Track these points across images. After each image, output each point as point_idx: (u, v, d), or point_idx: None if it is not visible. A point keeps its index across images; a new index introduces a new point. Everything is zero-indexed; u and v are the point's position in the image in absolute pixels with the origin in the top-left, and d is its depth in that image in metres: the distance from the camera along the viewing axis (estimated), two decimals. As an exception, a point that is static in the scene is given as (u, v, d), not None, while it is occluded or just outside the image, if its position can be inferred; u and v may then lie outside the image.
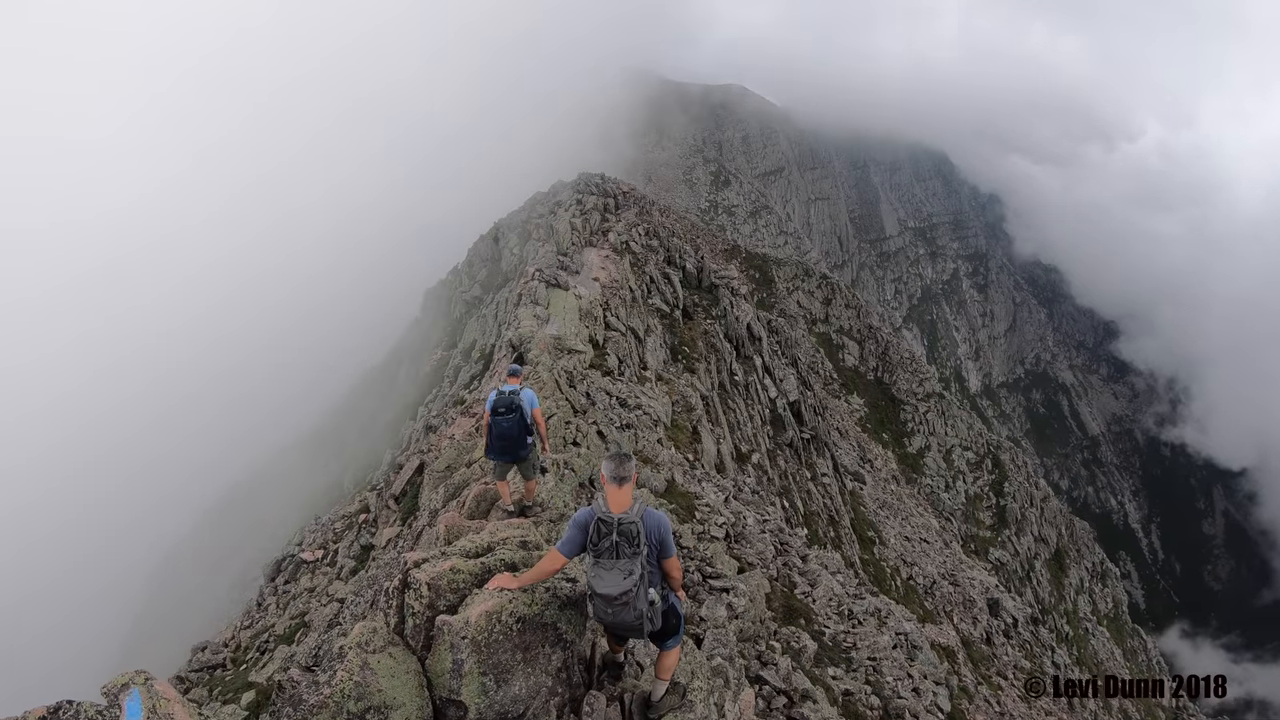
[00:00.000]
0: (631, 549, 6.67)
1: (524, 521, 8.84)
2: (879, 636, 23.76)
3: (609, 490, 6.86)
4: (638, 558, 6.70)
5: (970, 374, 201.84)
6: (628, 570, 6.65)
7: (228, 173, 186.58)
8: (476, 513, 11.64)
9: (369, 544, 23.99)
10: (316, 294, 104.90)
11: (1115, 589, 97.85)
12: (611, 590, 6.60)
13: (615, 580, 6.62)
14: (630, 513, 6.77)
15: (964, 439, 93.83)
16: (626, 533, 6.67)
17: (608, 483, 6.88)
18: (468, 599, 7.01)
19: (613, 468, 6.86)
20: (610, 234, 46.66)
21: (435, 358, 51.31)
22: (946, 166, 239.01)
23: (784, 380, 48.81)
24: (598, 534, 6.68)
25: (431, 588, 7.01)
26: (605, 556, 6.66)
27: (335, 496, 46.05)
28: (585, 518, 6.81)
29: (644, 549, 6.75)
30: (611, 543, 6.64)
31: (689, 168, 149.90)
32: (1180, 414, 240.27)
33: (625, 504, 6.81)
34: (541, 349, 25.90)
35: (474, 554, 7.67)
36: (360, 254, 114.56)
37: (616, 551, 6.64)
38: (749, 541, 25.27)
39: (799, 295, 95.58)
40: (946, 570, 52.82)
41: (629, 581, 6.63)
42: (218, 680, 21.46)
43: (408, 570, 7.26)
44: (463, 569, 7.26)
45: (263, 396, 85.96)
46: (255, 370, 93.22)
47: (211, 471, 75.44)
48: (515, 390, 12.37)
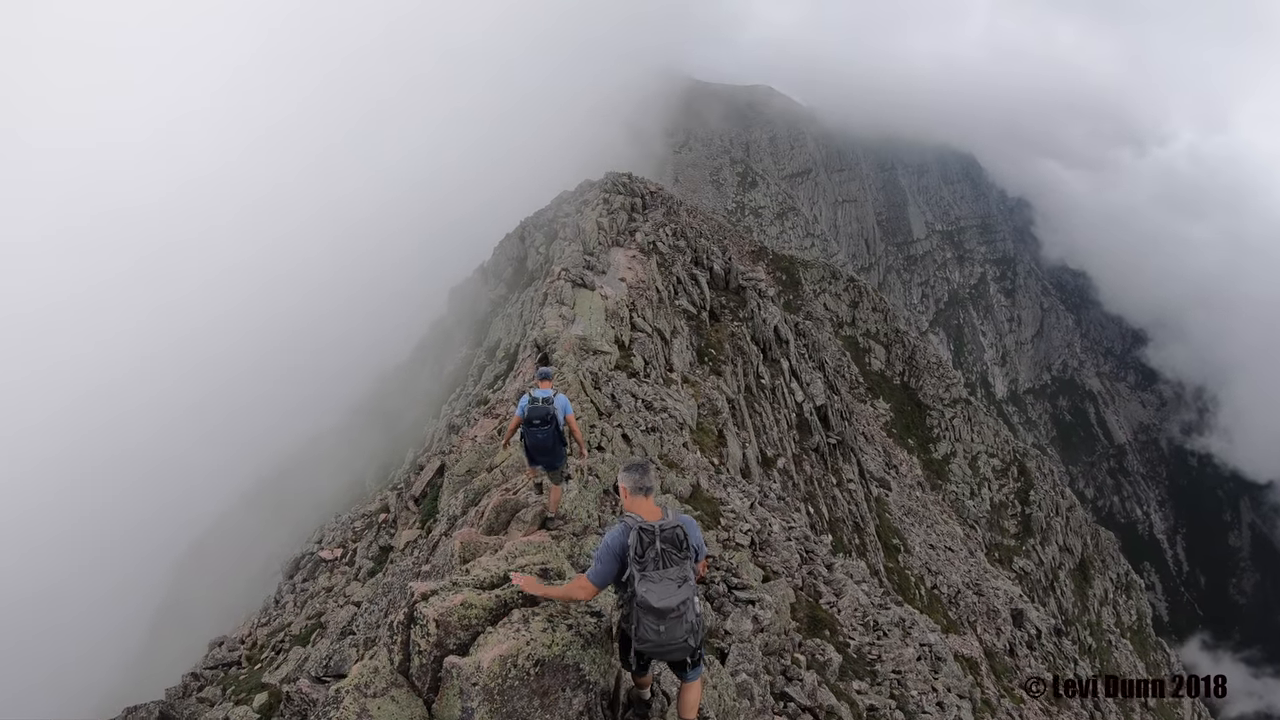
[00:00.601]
0: (680, 554, 6.41)
1: (545, 541, 8.29)
2: (903, 649, 23.45)
3: (636, 502, 6.60)
4: (687, 562, 6.46)
5: (996, 380, 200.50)
6: (680, 577, 6.37)
7: (250, 175, 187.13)
8: (495, 524, 11.15)
9: (388, 545, 23.74)
10: (340, 293, 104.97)
11: (1140, 601, 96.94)
12: (669, 601, 6.27)
13: (669, 590, 6.31)
14: (669, 518, 6.52)
15: (990, 446, 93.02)
16: (672, 538, 6.40)
17: (631, 495, 6.63)
18: (480, 638, 6.44)
19: (636, 479, 6.63)
20: (637, 234, 46.22)
21: (459, 356, 51.13)
22: (975, 169, 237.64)
23: (811, 384, 48.29)
24: (641, 545, 6.34)
25: (440, 625, 6.41)
26: (652, 568, 6.33)
27: (357, 494, 45.93)
28: (619, 541, 6.46)
29: (691, 552, 6.52)
30: (657, 552, 6.33)
31: (716, 168, 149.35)
32: (1208, 423, 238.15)
33: (657, 513, 6.55)
34: (567, 349, 25.58)
35: (488, 585, 7.04)
36: (385, 252, 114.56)
37: (664, 560, 6.35)
38: (774, 549, 24.93)
39: (825, 298, 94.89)
40: (971, 579, 52.29)
41: (685, 589, 6.35)
42: (232, 679, 21.36)
43: (414, 603, 6.63)
44: (475, 603, 6.66)
45: (286, 393, 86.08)
46: (279, 367, 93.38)
47: (236, 466, 75.58)
48: (549, 398, 11.84)
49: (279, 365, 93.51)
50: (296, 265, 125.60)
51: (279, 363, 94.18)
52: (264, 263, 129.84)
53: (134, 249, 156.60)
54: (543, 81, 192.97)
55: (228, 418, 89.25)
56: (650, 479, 6.67)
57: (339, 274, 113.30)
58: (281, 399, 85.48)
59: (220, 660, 23.64)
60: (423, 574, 10.72)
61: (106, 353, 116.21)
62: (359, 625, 12.97)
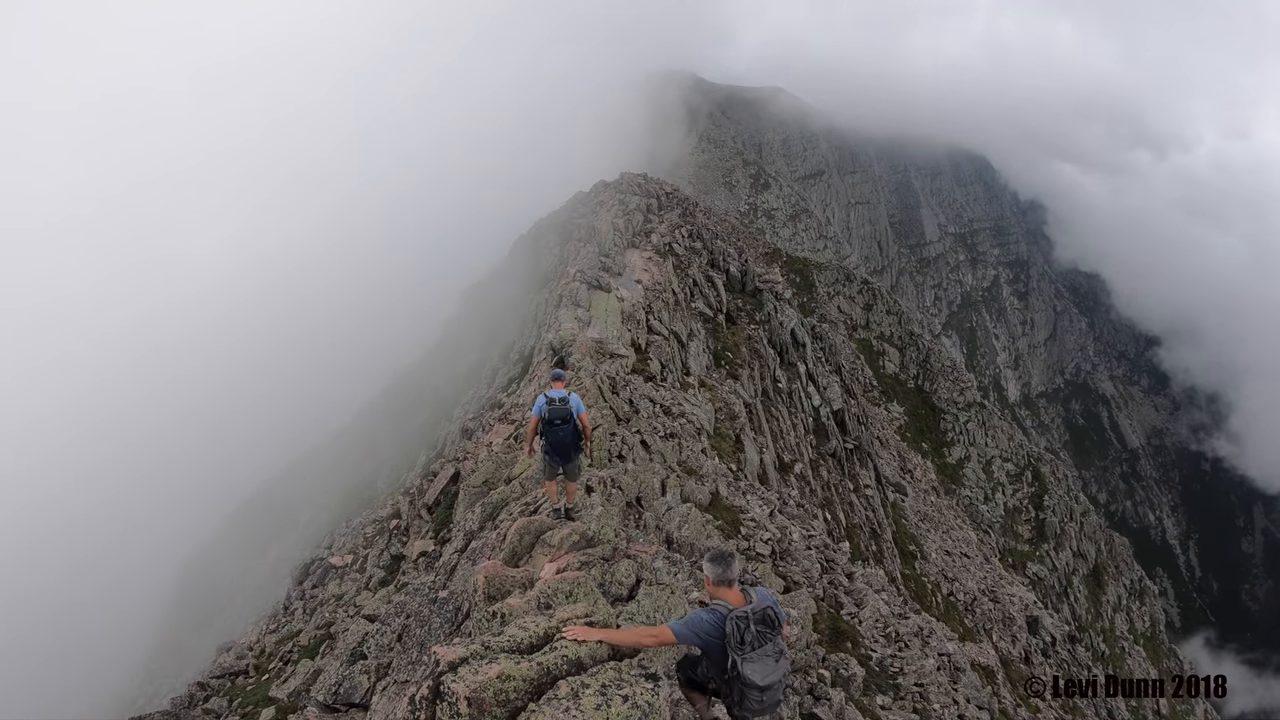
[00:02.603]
0: (773, 631, 6.60)
1: (580, 577, 7.76)
2: (924, 660, 23.29)
3: (720, 592, 6.72)
4: (779, 634, 6.66)
5: (1009, 383, 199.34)
6: (776, 652, 6.61)
7: (259, 172, 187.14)
8: (519, 549, 10.50)
9: (399, 553, 23.26)
10: (351, 291, 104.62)
11: (1153, 607, 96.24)
12: (773, 678, 6.53)
13: (771, 665, 6.54)
14: (757, 599, 6.66)
15: (1004, 450, 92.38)
16: (763, 619, 6.57)
17: (715, 585, 6.75)
18: (521, 717, 5.57)
19: (720, 572, 6.75)
20: (653, 235, 45.75)
21: (472, 358, 50.68)
22: (988, 171, 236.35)
23: (828, 388, 47.73)
24: (740, 633, 6.44)
25: (474, 703, 5.50)
26: (751, 649, 6.46)
27: (368, 497, 45.53)
28: (715, 627, 6.52)
29: (781, 627, 6.71)
30: (754, 634, 6.47)
31: (728, 170, 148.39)
32: (1222, 428, 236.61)
33: (740, 599, 6.66)
34: (583, 353, 25.12)
35: (527, 648, 6.23)
36: (396, 251, 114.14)
37: (760, 640, 6.51)
38: (794, 558, 24.54)
39: (840, 300, 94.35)
40: (987, 586, 51.86)
41: (784, 662, 6.64)
42: (238, 689, 20.99)
43: (440, 674, 5.75)
44: (514, 674, 5.78)
45: (296, 393, 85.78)
46: (290, 366, 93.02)
47: (245, 466, 75.29)
48: (565, 397, 12.38)
49: (289, 364, 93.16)
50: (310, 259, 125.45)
51: (289, 362, 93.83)
52: (276, 262, 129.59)
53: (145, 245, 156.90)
54: (550, 86, 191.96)
55: (235, 415, 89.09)
56: (734, 571, 6.79)
57: (351, 273, 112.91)
58: (292, 397, 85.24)
59: (227, 669, 23.24)
60: (439, 601, 10.11)
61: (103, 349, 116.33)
62: (370, 648, 12.41)
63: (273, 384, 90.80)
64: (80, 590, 69.55)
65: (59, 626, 64.71)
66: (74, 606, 66.99)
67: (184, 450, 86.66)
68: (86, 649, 59.73)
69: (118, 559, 72.55)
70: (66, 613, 66.86)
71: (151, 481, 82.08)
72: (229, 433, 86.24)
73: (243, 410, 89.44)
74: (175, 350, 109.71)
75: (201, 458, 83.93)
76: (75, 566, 72.71)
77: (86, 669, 56.29)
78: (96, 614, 65.59)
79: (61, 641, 62.02)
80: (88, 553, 73.76)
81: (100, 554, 73.35)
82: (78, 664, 57.60)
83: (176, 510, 75.89)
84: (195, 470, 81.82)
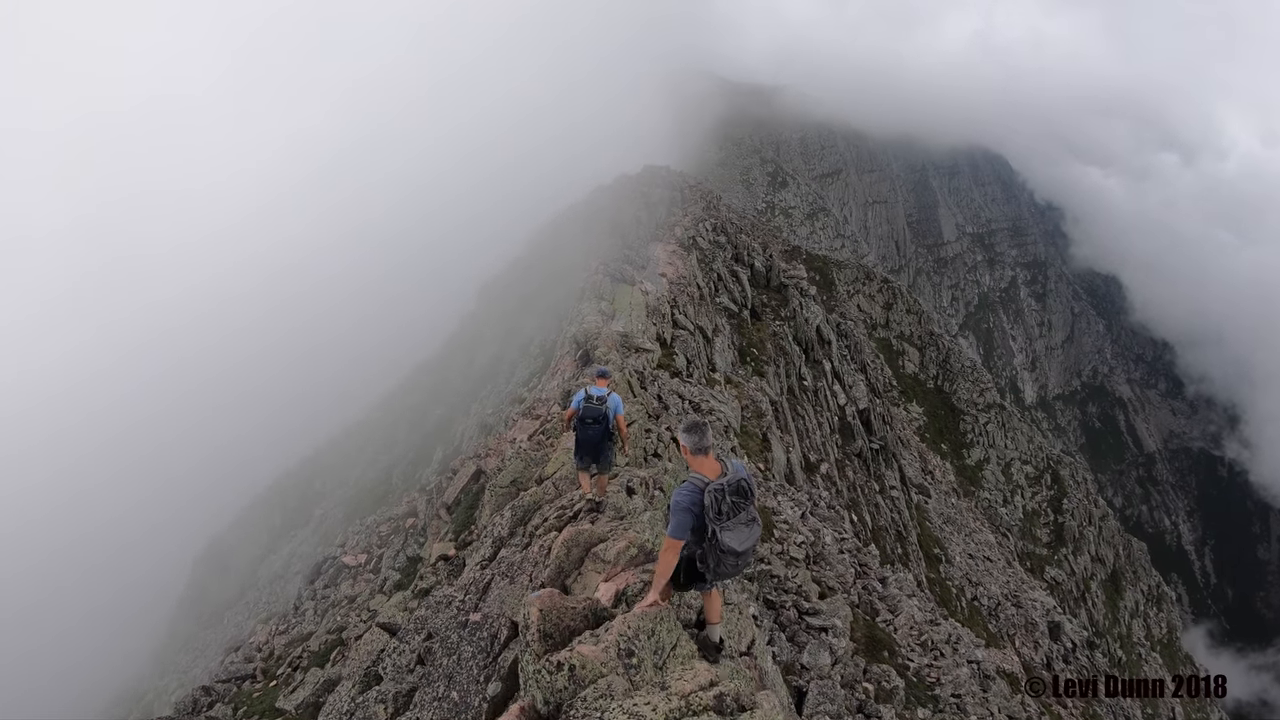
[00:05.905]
0: (746, 500, 6.90)
1: (663, 611, 7.35)
2: (958, 669, 22.87)
3: (698, 462, 6.89)
4: (751, 502, 6.95)
5: (1026, 385, 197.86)
6: (750, 519, 6.92)
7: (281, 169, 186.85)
8: (566, 565, 9.28)
9: (416, 555, 22.34)
10: (365, 282, 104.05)
11: (1170, 613, 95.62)
12: (748, 544, 6.88)
13: (745, 533, 6.86)
14: (732, 470, 6.86)
15: (1024, 452, 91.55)
16: (738, 489, 6.80)
17: (693, 454, 6.91)
18: None
19: (696, 440, 6.90)
20: (677, 228, 44.81)
21: (490, 353, 49.89)
22: (1006, 171, 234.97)
23: (854, 387, 46.79)
24: (717, 504, 6.69)
25: None
26: (728, 517, 6.76)
27: (383, 493, 44.71)
28: (692, 500, 6.73)
29: (754, 496, 7.00)
30: (729, 504, 6.74)
31: (746, 168, 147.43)
32: (1239, 434, 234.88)
33: (717, 468, 6.87)
34: (609, 346, 24.13)
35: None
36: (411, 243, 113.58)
37: (735, 509, 6.79)
38: (828, 563, 23.76)
39: (860, 299, 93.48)
40: (1009, 591, 51.15)
41: (754, 528, 6.95)
42: (245, 695, 20.18)
43: None
44: None
45: (312, 386, 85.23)
46: (304, 361, 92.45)
47: (261, 459, 74.65)
48: (604, 396, 12.38)
49: (303, 359, 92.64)
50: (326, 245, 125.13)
51: (303, 357, 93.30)
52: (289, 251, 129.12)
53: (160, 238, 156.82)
54: (570, 86, 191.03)
55: (250, 408, 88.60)
56: (709, 438, 6.94)
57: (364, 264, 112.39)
58: (307, 392, 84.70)
59: (234, 672, 22.35)
60: (471, 626, 9.10)
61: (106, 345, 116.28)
62: (387, 668, 11.32)
63: (287, 376, 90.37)
64: (97, 595, 69.30)
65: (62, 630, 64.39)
66: (93, 611, 66.69)
67: (202, 442, 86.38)
68: (104, 649, 59.27)
69: (134, 559, 72.35)
70: (67, 613, 66.63)
71: (169, 477, 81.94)
72: (244, 425, 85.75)
73: (258, 402, 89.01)
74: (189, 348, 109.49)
75: (219, 449, 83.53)
76: (93, 568, 72.50)
77: (103, 666, 55.81)
78: (111, 616, 65.31)
79: (79, 641, 61.63)
80: (106, 555, 73.57)
81: (116, 557, 73.16)
82: (96, 661, 57.12)
83: (192, 507, 75.43)
84: (212, 464, 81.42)
